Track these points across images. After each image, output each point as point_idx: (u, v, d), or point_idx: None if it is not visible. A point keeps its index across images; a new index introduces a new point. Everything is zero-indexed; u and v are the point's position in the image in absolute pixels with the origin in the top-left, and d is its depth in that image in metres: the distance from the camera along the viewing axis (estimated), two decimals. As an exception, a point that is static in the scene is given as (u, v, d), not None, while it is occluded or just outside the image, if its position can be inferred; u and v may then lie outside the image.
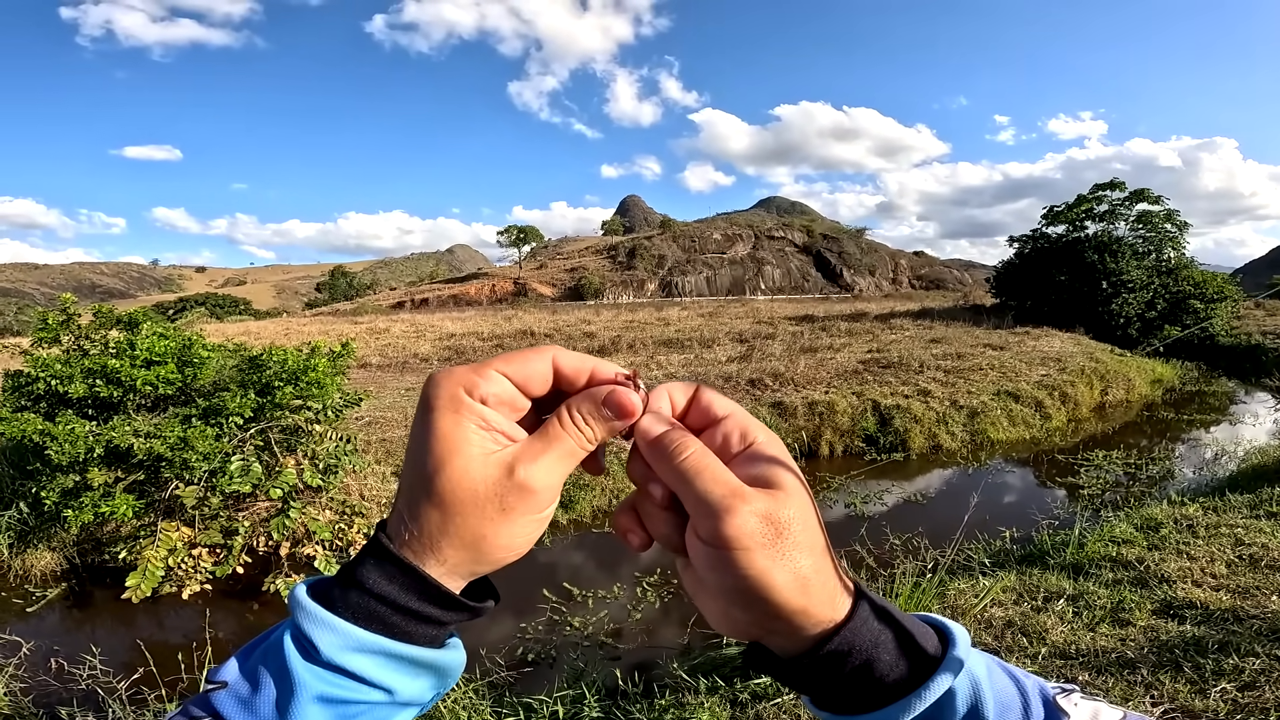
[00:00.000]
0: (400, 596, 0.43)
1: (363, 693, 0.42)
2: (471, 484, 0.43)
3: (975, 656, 0.49)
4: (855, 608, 0.47)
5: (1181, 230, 26.49)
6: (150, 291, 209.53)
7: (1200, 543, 5.16)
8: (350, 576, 0.43)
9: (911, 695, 0.46)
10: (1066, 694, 0.50)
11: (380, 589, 0.42)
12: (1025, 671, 0.51)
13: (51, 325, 6.95)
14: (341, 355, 7.71)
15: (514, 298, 64.16)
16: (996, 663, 0.51)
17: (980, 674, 0.47)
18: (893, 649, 0.46)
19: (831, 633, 0.46)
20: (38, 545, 6.98)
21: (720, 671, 4.03)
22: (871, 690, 0.46)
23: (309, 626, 0.41)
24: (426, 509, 0.43)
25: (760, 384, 13.05)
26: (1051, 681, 0.51)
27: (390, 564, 0.43)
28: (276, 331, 29.03)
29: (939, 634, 0.50)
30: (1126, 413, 15.14)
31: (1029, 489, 9.84)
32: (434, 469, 0.43)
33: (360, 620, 0.42)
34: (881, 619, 0.47)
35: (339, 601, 0.42)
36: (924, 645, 0.47)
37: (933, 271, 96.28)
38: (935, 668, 0.46)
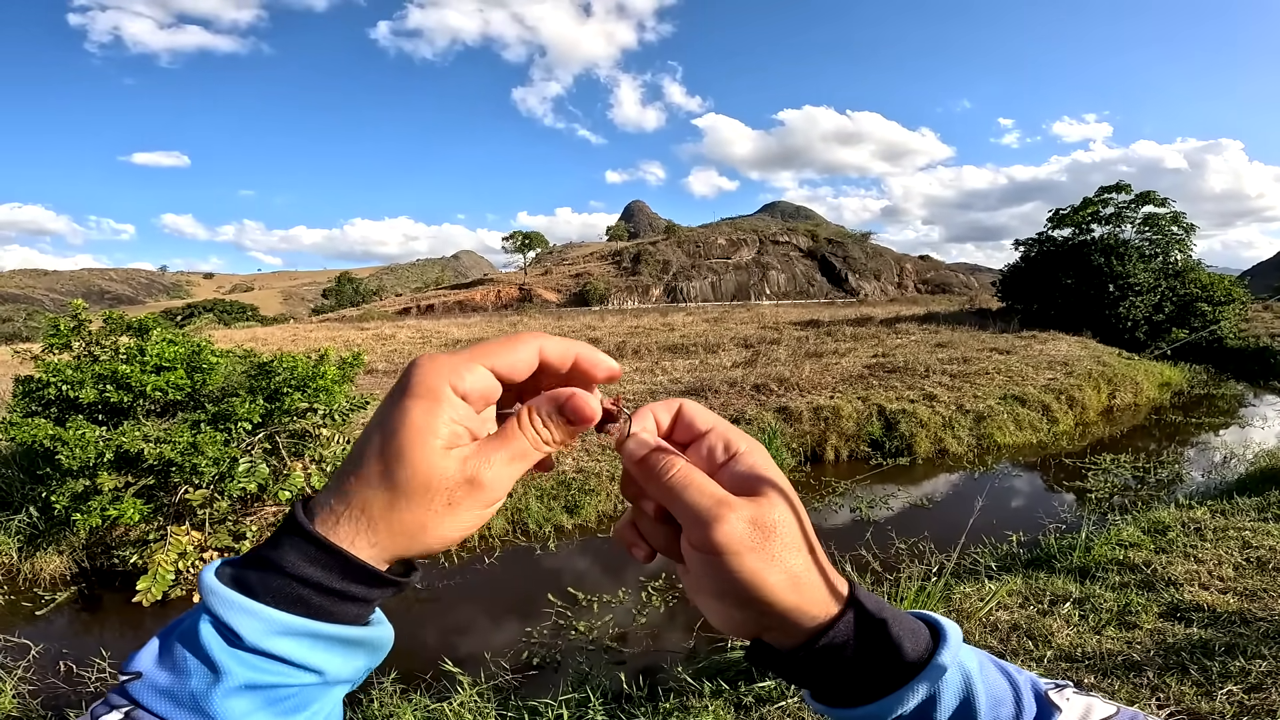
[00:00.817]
0: (323, 577, 0.42)
1: (292, 675, 0.42)
2: (427, 476, 0.43)
3: (968, 652, 0.51)
4: (848, 603, 0.49)
5: (1188, 232, 26.36)
6: (159, 298, 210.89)
7: (1208, 546, 5.13)
8: (267, 559, 0.42)
9: (904, 688, 0.47)
10: (1060, 689, 0.51)
11: (302, 571, 0.41)
12: (1018, 668, 0.53)
13: (63, 331, 7.03)
14: (352, 364, 7.77)
15: (519, 303, 64.31)
16: (990, 659, 0.52)
17: (972, 668, 0.49)
18: (886, 643, 0.48)
19: (826, 627, 0.48)
20: (47, 549, 7.03)
21: (725, 675, 4.03)
22: (866, 682, 0.48)
23: (227, 614, 0.40)
24: (376, 490, 0.43)
25: (765, 389, 13.04)
26: (1045, 678, 0.53)
27: (312, 545, 0.42)
28: (284, 338, 29.17)
29: (931, 630, 0.51)
30: (1134, 416, 15.05)
31: (1036, 493, 9.80)
32: (395, 454, 0.43)
33: (282, 604, 0.41)
34: (874, 614, 0.49)
35: (257, 586, 0.41)
36: (915, 640, 0.49)
37: (938, 275, 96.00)
38: (927, 661, 0.48)
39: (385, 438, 0.44)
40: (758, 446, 0.52)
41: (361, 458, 0.44)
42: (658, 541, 0.52)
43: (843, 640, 0.48)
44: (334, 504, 0.43)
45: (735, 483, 0.49)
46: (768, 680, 3.76)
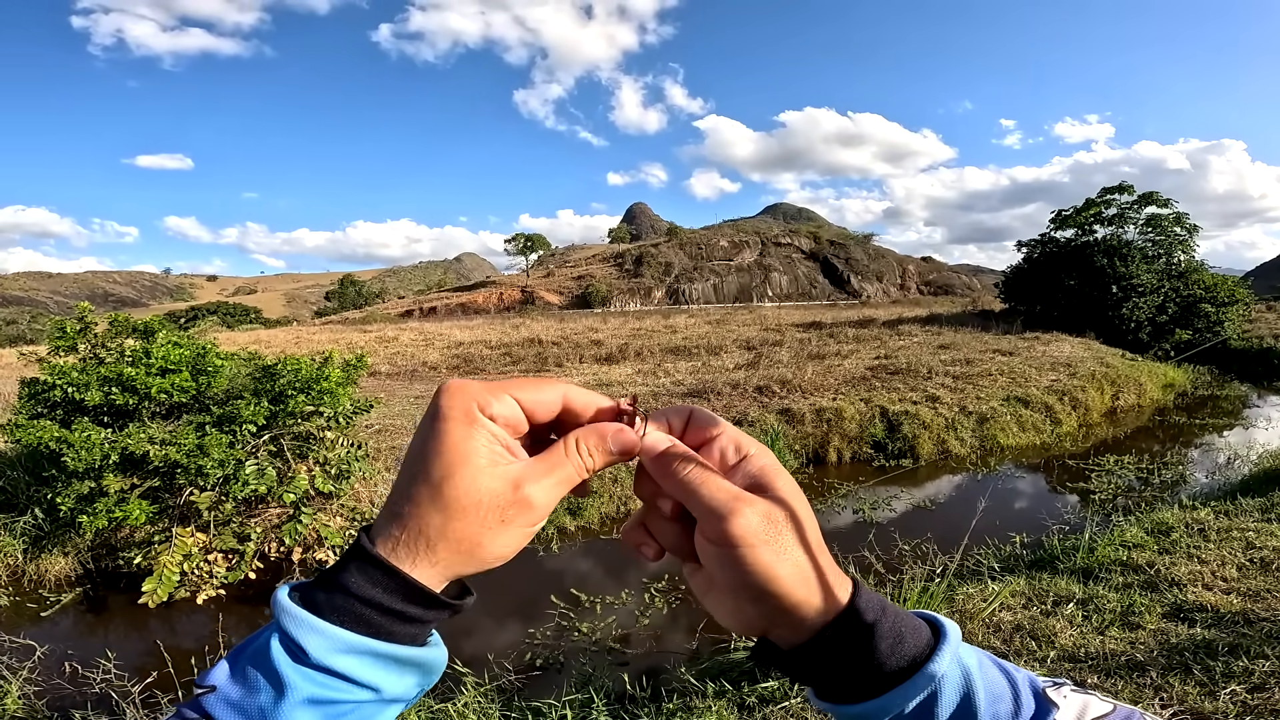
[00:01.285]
0: (385, 599, 0.44)
1: (351, 692, 0.44)
2: (478, 493, 0.46)
3: (967, 650, 0.52)
4: (853, 600, 0.51)
5: (1191, 233, 26.33)
6: (163, 300, 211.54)
7: (1211, 546, 5.13)
8: (333, 581, 0.45)
9: (904, 684, 0.49)
10: (1057, 687, 0.52)
11: (365, 592, 0.44)
12: (1016, 666, 0.54)
13: (69, 334, 7.06)
14: (356, 366, 7.79)
15: (522, 306, 64.36)
16: (988, 657, 0.54)
17: (971, 666, 0.51)
18: (887, 639, 0.49)
19: (831, 622, 0.50)
20: (52, 550, 7.06)
21: (728, 675, 4.04)
22: (868, 679, 0.49)
23: (296, 630, 0.43)
24: (429, 512, 0.45)
25: (768, 391, 13.04)
26: (1042, 676, 0.54)
27: (374, 568, 0.44)
28: (287, 340, 29.23)
29: (932, 628, 0.53)
30: (1138, 417, 15.02)
31: (1039, 494, 9.78)
32: (443, 475, 0.45)
33: (346, 623, 0.44)
34: (876, 611, 0.50)
35: (324, 606, 0.44)
36: (916, 637, 0.51)
37: (941, 277, 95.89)
38: (928, 659, 0.49)
39: (428, 461, 0.46)
40: (766, 451, 0.55)
41: (411, 484, 0.46)
42: (668, 540, 0.54)
43: (845, 636, 0.49)
44: (393, 530, 0.46)
45: (746, 483, 0.52)
46: (771, 681, 3.76)
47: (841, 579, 0.52)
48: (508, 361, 21.68)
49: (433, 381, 18.06)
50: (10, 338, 42.73)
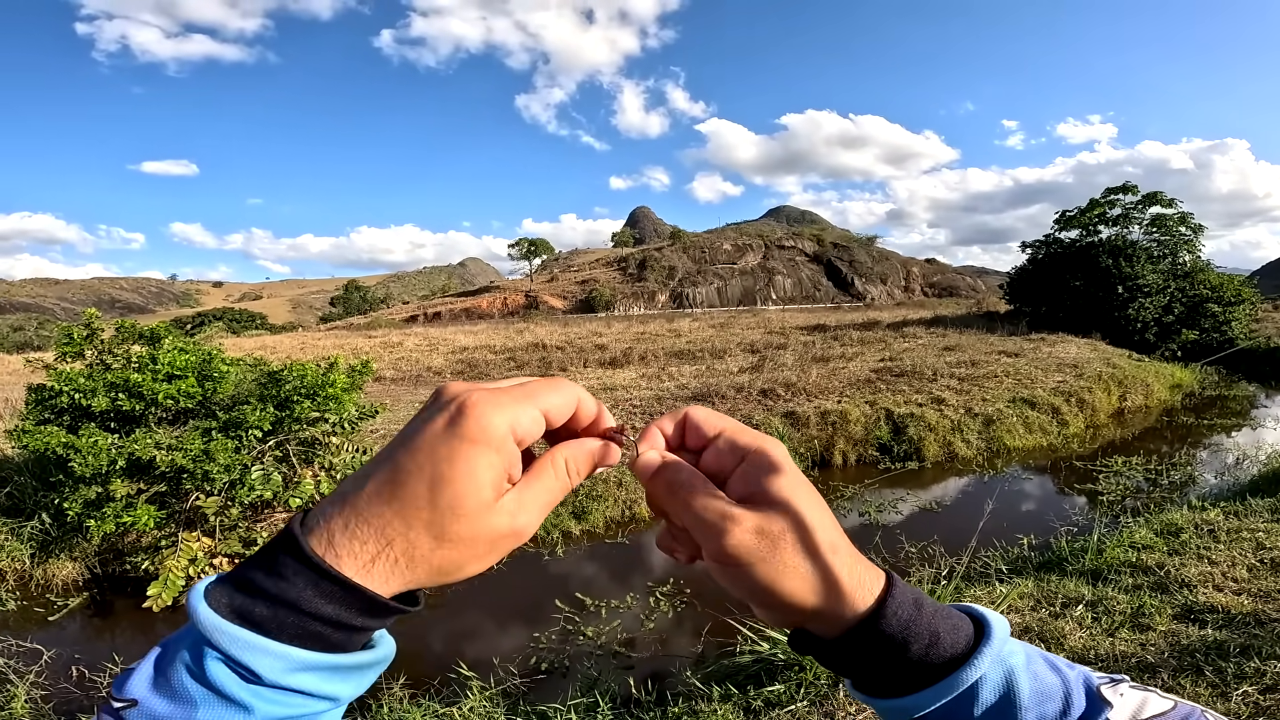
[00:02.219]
0: (343, 615, 0.41)
1: (310, 705, 0.42)
2: (478, 530, 0.43)
3: (1014, 645, 0.52)
4: (886, 596, 0.50)
5: (1196, 233, 26.22)
6: (169, 306, 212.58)
7: (1221, 547, 5.10)
8: (274, 595, 0.40)
9: (938, 684, 0.48)
10: (1114, 684, 0.51)
11: (320, 610, 0.40)
12: (1071, 664, 0.53)
13: (76, 340, 7.10)
14: (361, 372, 7.82)
15: (525, 310, 64.46)
16: (1041, 655, 0.53)
17: (1017, 663, 0.50)
18: (921, 640, 0.49)
19: (855, 626, 0.49)
20: (59, 555, 7.08)
21: (734, 679, 4.02)
22: (901, 676, 0.49)
23: (244, 654, 0.39)
24: (423, 538, 0.42)
25: (772, 394, 13.02)
26: (1101, 674, 0.53)
27: (331, 582, 0.40)
28: (292, 346, 29.34)
29: (976, 623, 0.52)
30: (1146, 418, 14.94)
31: (1047, 496, 9.73)
32: (450, 506, 0.42)
33: (297, 640, 0.40)
34: (909, 610, 0.49)
35: (270, 624, 0.40)
36: (955, 635, 0.50)
37: (945, 279, 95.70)
38: (966, 658, 0.49)
39: (439, 485, 0.42)
40: (769, 443, 0.52)
41: (406, 495, 0.42)
42: (690, 548, 0.52)
43: (872, 639, 0.49)
44: (355, 537, 0.41)
45: (744, 489, 0.50)
46: (777, 685, 3.74)
47: (869, 577, 0.50)
48: (512, 366, 21.71)
49: (437, 386, 18.07)
50: (17, 344, 43.01)
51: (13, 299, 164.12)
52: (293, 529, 0.41)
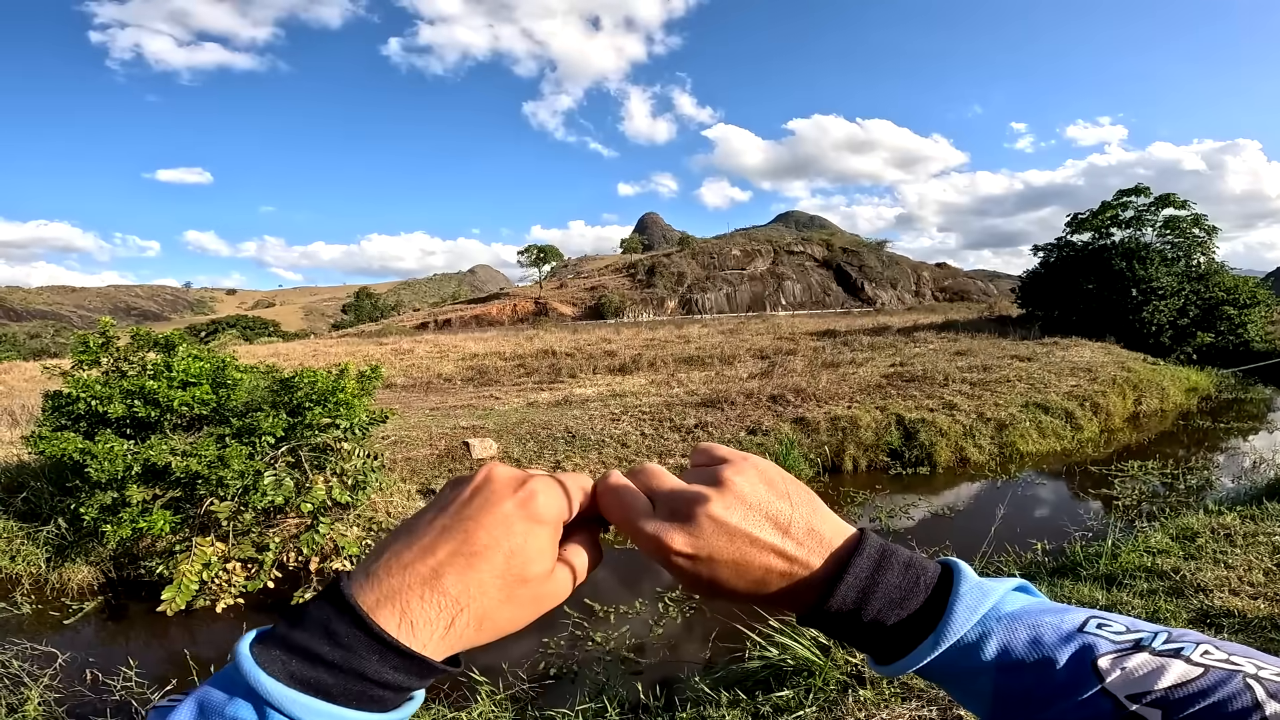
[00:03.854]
0: (404, 680, 0.45)
1: None
2: (541, 591, 0.51)
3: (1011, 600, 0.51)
4: (850, 561, 0.52)
5: (1210, 235, 25.93)
6: (183, 313, 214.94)
7: (1238, 551, 5.03)
8: (339, 666, 0.43)
9: (910, 654, 0.50)
10: (1124, 654, 0.46)
11: (385, 677, 0.44)
12: (1080, 629, 0.49)
13: (92, 348, 7.20)
14: (371, 377, 7.87)
15: (535, 317, 64.63)
16: (1030, 614, 0.50)
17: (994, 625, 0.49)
18: (879, 608, 0.51)
19: (821, 595, 0.52)
20: (75, 560, 7.17)
21: (743, 685, 4.01)
22: (884, 638, 0.51)
23: (306, 717, 0.42)
24: (494, 603, 0.48)
25: (782, 400, 12.98)
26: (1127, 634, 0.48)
27: (396, 654, 0.44)
28: (304, 353, 29.58)
29: (947, 573, 0.53)
30: (1161, 422, 14.77)
31: (1061, 501, 9.63)
32: (523, 575, 0.49)
33: (362, 705, 0.44)
34: (859, 587, 0.51)
35: (334, 691, 0.43)
36: (912, 595, 0.51)
37: (956, 283, 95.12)
38: (936, 622, 0.50)
39: (514, 556, 0.49)
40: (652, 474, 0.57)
41: (485, 566, 0.48)
42: None
43: (826, 614, 0.51)
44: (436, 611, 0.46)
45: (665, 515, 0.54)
46: (786, 690, 3.73)
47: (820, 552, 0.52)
48: (521, 373, 21.77)
49: (447, 393, 18.17)
50: (34, 351, 43.58)
51: (30, 306, 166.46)
52: (348, 597, 0.45)
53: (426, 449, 10.37)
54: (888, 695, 3.45)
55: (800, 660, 3.93)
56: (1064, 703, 0.46)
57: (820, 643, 4.00)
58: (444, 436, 10.94)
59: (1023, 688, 0.48)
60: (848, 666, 3.78)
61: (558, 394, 16.27)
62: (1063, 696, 0.46)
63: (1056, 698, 0.46)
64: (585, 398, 15.25)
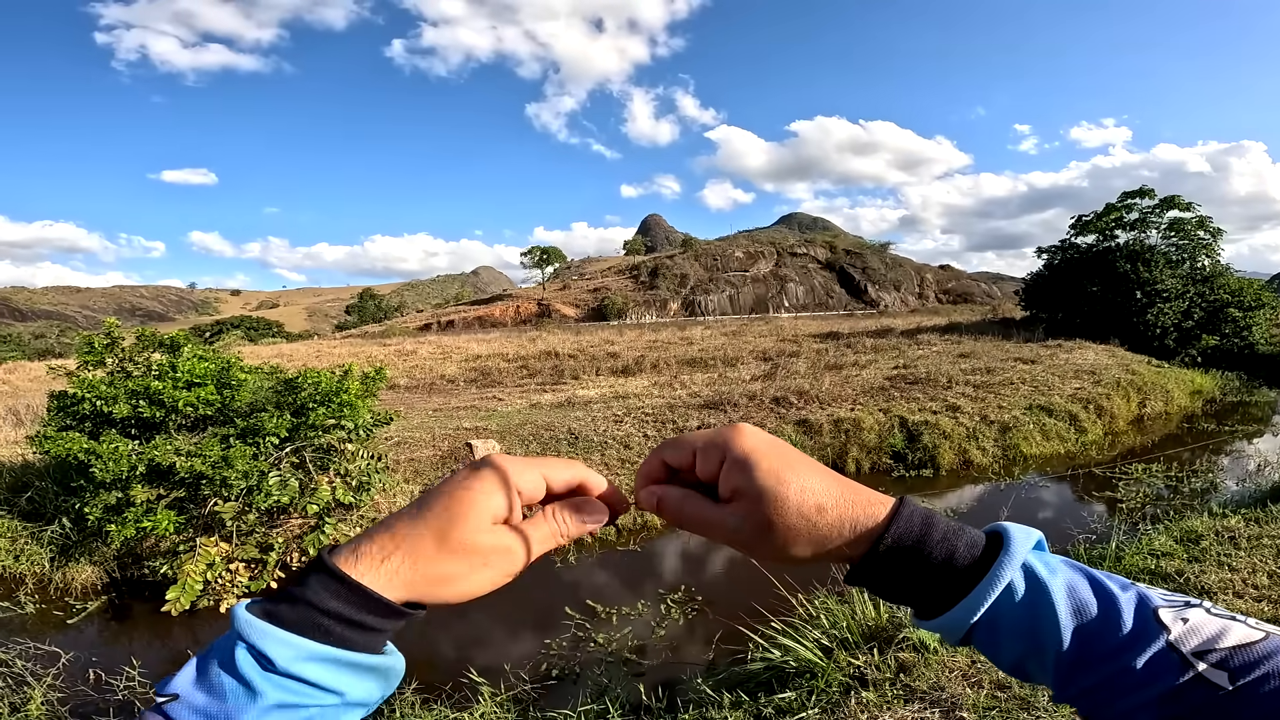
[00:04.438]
0: (345, 610, 0.48)
1: (316, 697, 0.48)
2: (474, 542, 0.52)
3: (1053, 560, 0.53)
4: (888, 524, 0.53)
5: (1215, 237, 25.82)
6: (188, 314, 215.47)
7: (1242, 554, 5.01)
8: (295, 596, 0.49)
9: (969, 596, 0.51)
10: (1184, 608, 0.47)
11: (326, 604, 0.48)
12: (1131, 583, 0.51)
13: (97, 348, 7.23)
14: (375, 379, 7.89)
15: (538, 319, 64.67)
16: (1088, 572, 0.52)
17: (1049, 577, 0.50)
18: (937, 549, 0.53)
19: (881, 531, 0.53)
20: (79, 559, 7.19)
21: (745, 686, 4.00)
22: (930, 590, 0.53)
23: (262, 642, 0.46)
24: (427, 543, 0.51)
25: (785, 402, 12.97)
26: (1172, 594, 0.49)
27: (337, 582, 0.49)
28: (308, 354, 29.64)
29: (996, 537, 0.55)
30: (1166, 425, 14.72)
31: (1064, 503, 9.61)
32: (453, 519, 0.52)
33: (309, 633, 0.47)
34: (921, 528, 0.53)
35: (287, 618, 0.47)
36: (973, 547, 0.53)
37: (959, 285, 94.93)
38: (990, 566, 0.51)
39: (450, 505, 0.53)
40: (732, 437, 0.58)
41: (423, 514, 0.53)
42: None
43: (880, 556, 0.53)
44: (373, 547, 0.51)
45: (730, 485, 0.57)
46: (788, 692, 3.72)
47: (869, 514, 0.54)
48: (524, 374, 21.77)
49: (450, 394, 18.20)
50: (39, 351, 43.70)
51: (35, 307, 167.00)
52: (321, 551, 0.51)
53: (429, 450, 10.38)
54: (890, 697, 3.45)
55: (803, 662, 3.92)
56: (1130, 656, 0.46)
57: (823, 644, 4.00)
58: (447, 437, 10.95)
59: (1091, 635, 0.48)
60: (850, 668, 3.78)
61: (561, 395, 16.27)
62: (1130, 649, 0.46)
63: (1124, 651, 0.46)
64: (588, 399, 15.25)
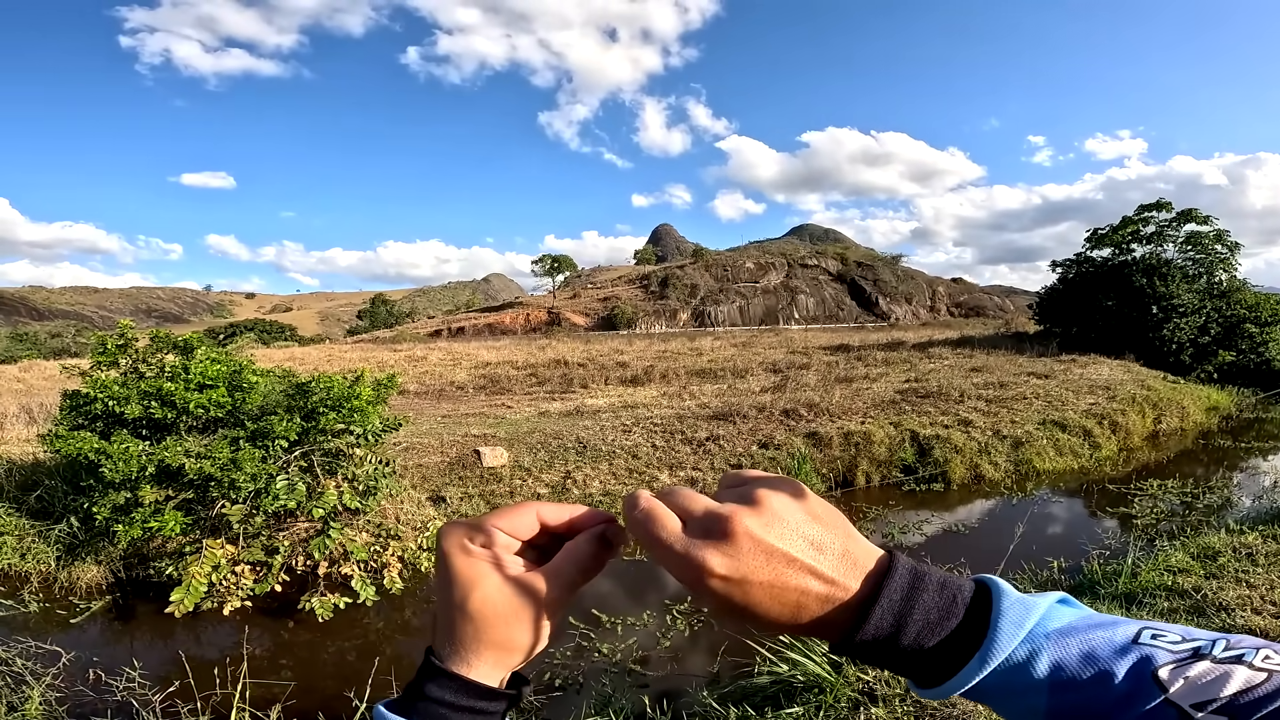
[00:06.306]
0: (454, 698, 0.53)
1: None
2: (494, 604, 0.55)
3: (1058, 614, 0.51)
4: (882, 583, 0.51)
5: (1233, 251, 25.52)
6: (203, 316, 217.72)
7: (1260, 570, 4.91)
8: (419, 692, 0.54)
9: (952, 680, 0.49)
10: (1185, 662, 0.45)
11: (436, 695, 0.53)
12: (1134, 644, 0.48)
13: (110, 349, 7.28)
14: (387, 385, 7.90)
15: (548, 327, 64.86)
16: (1082, 628, 0.49)
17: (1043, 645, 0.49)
18: (913, 635, 0.50)
19: (856, 621, 0.50)
20: (85, 559, 7.22)
21: (751, 700, 3.94)
22: (925, 662, 0.50)
23: None
24: (463, 626, 0.55)
25: (795, 414, 12.88)
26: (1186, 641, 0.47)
27: (441, 675, 0.54)
28: (320, 358, 29.84)
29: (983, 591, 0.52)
30: (1181, 441, 14.51)
31: (1078, 519, 9.46)
32: (462, 598, 0.55)
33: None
34: (892, 613, 0.50)
35: (413, 713, 0.53)
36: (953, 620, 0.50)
37: (972, 298, 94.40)
38: (983, 634, 0.49)
39: (451, 591, 0.56)
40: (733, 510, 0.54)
41: (446, 609, 0.57)
42: None
43: (871, 637, 0.50)
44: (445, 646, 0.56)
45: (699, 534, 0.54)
46: (795, 707, 3.65)
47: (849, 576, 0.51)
48: (534, 382, 21.79)
49: (460, 400, 18.24)
50: (55, 350, 44.15)
51: (53, 306, 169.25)
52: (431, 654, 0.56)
53: (438, 456, 10.37)
54: (900, 713, 3.37)
55: (811, 676, 3.85)
56: (1124, 716, 0.45)
57: (832, 659, 3.92)
58: (455, 444, 10.94)
59: (1079, 704, 0.47)
60: (859, 684, 3.70)
61: (569, 404, 16.26)
62: (1123, 710, 0.45)
63: (1116, 712, 0.46)
64: (597, 408, 15.22)
